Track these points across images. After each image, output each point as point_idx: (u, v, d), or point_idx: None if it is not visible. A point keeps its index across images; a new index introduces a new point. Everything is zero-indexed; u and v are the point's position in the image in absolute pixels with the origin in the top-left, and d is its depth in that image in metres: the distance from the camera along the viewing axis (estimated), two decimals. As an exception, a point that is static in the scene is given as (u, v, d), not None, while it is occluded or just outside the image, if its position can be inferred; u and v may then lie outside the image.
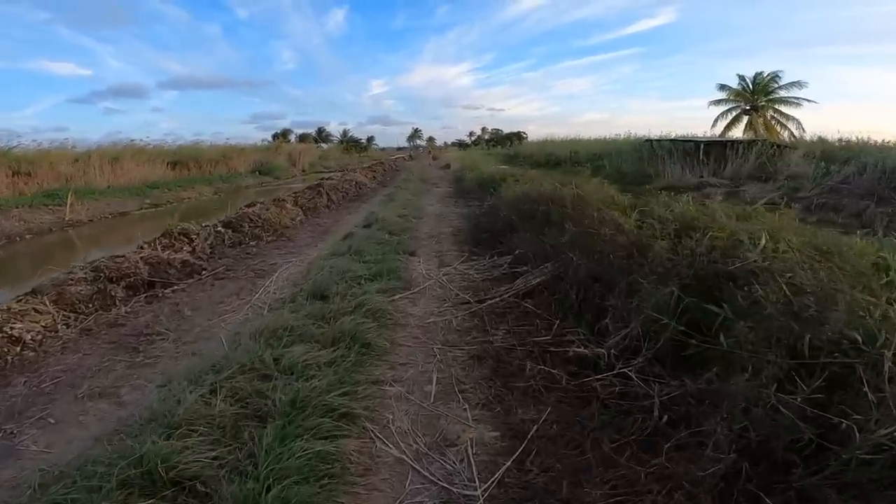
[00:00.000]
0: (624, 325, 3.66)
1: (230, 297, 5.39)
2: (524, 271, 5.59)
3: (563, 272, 4.85)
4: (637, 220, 3.98)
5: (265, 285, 5.61)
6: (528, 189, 7.05)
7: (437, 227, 8.31)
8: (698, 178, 21.55)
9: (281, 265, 6.39)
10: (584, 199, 5.15)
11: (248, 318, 4.68)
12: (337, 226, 8.91)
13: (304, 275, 5.69)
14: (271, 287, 5.52)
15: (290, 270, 6.12)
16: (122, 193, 21.14)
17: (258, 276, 6.01)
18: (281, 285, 5.57)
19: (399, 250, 6.39)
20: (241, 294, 5.44)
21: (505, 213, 6.99)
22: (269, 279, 5.82)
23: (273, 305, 4.88)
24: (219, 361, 3.49)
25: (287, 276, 5.90)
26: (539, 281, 5.06)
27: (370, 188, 15.82)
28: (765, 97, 26.06)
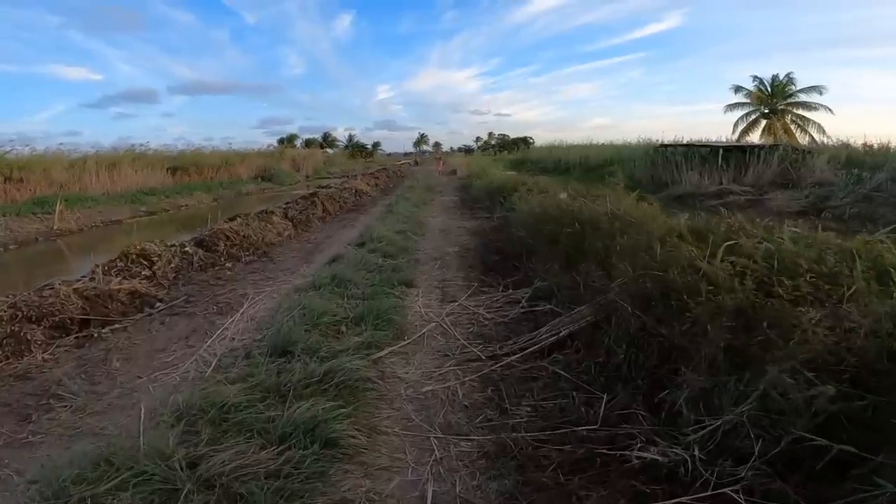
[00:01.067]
0: (710, 413, 2.45)
1: (178, 341, 4.23)
2: (547, 311, 4.38)
3: (605, 320, 3.63)
4: (723, 258, 2.75)
5: (224, 326, 4.43)
6: (548, 204, 5.83)
7: (442, 246, 7.11)
8: (717, 184, 20.23)
9: (252, 296, 5.21)
10: (634, 224, 3.92)
11: (187, 377, 3.53)
12: (328, 242, 7.74)
13: (274, 313, 4.51)
14: (230, 330, 4.34)
15: (259, 305, 4.94)
16: (117, 201, 20.20)
17: (220, 313, 4.84)
18: (242, 328, 4.38)
19: (394, 280, 5.18)
20: (193, 338, 4.27)
21: (521, 234, 5.77)
22: (231, 317, 4.64)
23: (223, 361, 3.69)
24: (117, 453, 2.34)
25: (254, 314, 4.71)
26: (570, 331, 3.83)
27: (371, 197, 14.64)
28: (783, 100, 24.67)
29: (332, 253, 6.80)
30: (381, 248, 6.23)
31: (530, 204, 7.06)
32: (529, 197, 9.46)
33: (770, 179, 19.94)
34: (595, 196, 7.05)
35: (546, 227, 5.18)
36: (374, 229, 7.48)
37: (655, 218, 3.87)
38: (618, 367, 3.27)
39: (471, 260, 6.26)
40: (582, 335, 3.74)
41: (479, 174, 18.14)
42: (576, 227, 4.69)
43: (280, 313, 4.30)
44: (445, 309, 4.61)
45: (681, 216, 3.99)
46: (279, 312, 4.36)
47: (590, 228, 4.64)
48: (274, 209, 8.99)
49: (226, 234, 6.84)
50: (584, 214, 4.89)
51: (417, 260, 6.21)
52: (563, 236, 4.77)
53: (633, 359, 3.19)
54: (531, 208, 6.45)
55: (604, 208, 4.80)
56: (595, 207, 4.86)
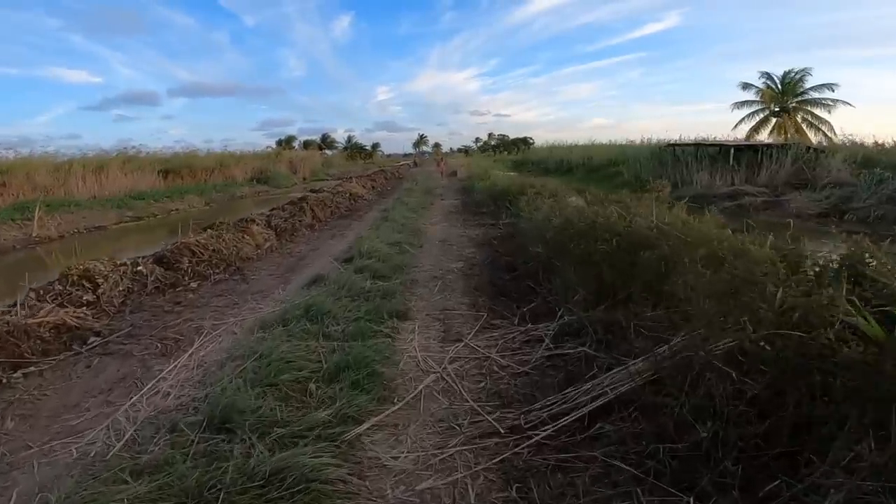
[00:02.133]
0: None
1: (98, 394, 3.23)
2: (580, 356, 3.33)
3: (672, 377, 2.59)
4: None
5: (162, 375, 3.39)
6: (571, 213, 4.77)
7: (442, 261, 6.05)
8: (729, 185, 19.20)
9: (207, 331, 4.17)
10: (694, 243, 2.88)
11: (89, 451, 2.53)
12: (313, 256, 6.69)
13: (226, 359, 3.47)
14: (167, 381, 3.30)
15: (214, 344, 3.89)
16: (104, 205, 19.14)
17: (164, 353, 3.79)
18: (184, 378, 3.34)
19: (384, 310, 4.13)
20: (117, 390, 3.27)
21: (538, 250, 4.71)
22: (175, 360, 3.60)
23: (141, 433, 2.67)
24: None
25: (204, 357, 3.66)
26: (619, 391, 2.79)
27: (367, 201, 13.56)
28: (794, 98, 23.58)
29: (314, 271, 5.74)
30: (371, 267, 5.17)
31: (544, 211, 6.02)
32: (539, 201, 8.43)
33: (784, 180, 18.94)
34: (615, 202, 6.03)
35: (570, 242, 4.13)
36: (365, 241, 6.42)
37: (727, 237, 2.82)
38: (696, 445, 2.26)
39: (477, 280, 5.20)
40: (636, 398, 2.71)
41: (481, 176, 17.10)
42: (613, 245, 3.65)
43: (232, 363, 3.25)
44: (448, 352, 3.55)
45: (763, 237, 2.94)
46: (231, 361, 3.31)
47: (628, 244, 3.60)
48: (255, 217, 7.94)
49: (191, 248, 5.79)
50: (619, 227, 3.85)
51: (414, 281, 5.15)
52: (596, 256, 3.71)
53: (721, 437, 2.19)
54: (547, 216, 5.40)
55: (643, 219, 3.75)
56: (636, 220, 3.81)
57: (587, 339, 3.51)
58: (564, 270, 4.13)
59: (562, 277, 4.15)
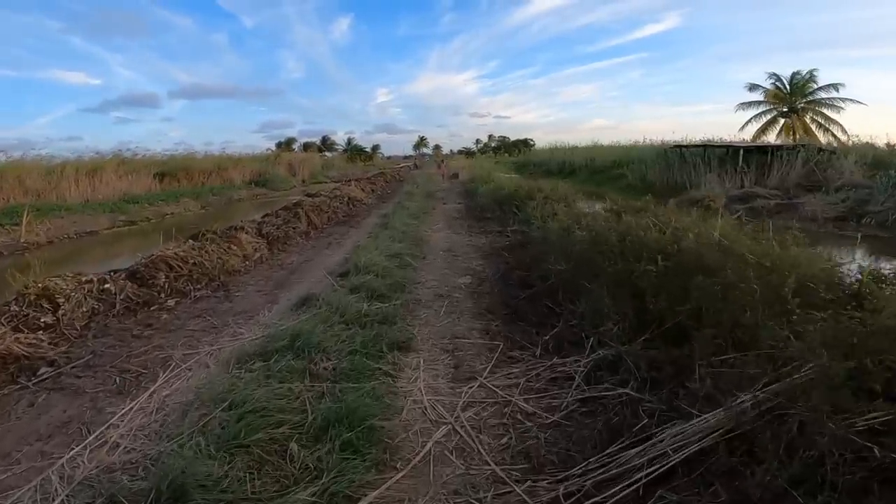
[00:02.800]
0: None
1: (35, 441, 2.67)
2: (622, 399, 2.73)
3: (753, 432, 2.00)
4: None
5: (113, 420, 2.79)
6: (600, 226, 4.16)
7: (448, 276, 5.44)
8: (739, 187, 18.61)
9: (176, 362, 3.56)
10: (778, 269, 2.27)
11: None
12: (305, 269, 6.07)
13: (194, 399, 2.86)
14: (121, 428, 2.69)
15: (181, 381, 3.27)
16: (96, 209, 18.54)
17: (120, 391, 3.19)
18: (139, 424, 2.73)
19: (383, 341, 3.52)
20: (58, 437, 2.69)
21: (561, 268, 4.08)
22: (133, 399, 3.00)
23: (74, 495, 2.08)
24: None
25: (167, 396, 3.06)
26: (689, 452, 2.19)
27: (366, 205, 12.93)
28: (803, 99, 22.96)
29: (306, 287, 5.14)
30: (368, 284, 4.56)
31: (561, 220, 5.42)
32: (549, 207, 7.84)
33: (795, 182, 18.35)
34: (637, 210, 5.43)
35: (603, 259, 3.52)
36: (363, 252, 5.81)
37: (823, 265, 2.21)
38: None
39: (488, 299, 4.59)
40: (707, 459, 2.12)
41: (484, 178, 16.50)
42: (660, 266, 3.04)
43: (196, 412, 2.65)
44: (461, 395, 2.95)
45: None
46: (196, 408, 2.71)
47: (680, 267, 3.00)
48: (245, 225, 7.33)
49: (168, 262, 5.19)
50: (663, 243, 3.24)
51: (417, 301, 4.53)
52: (640, 280, 3.10)
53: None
54: (566, 227, 4.80)
55: (694, 235, 3.14)
56: (684, 235, 3.20)
57: (627, 377, 2.91)
58: (594, 292, 3.52)
59: (590, 300, 3.54)
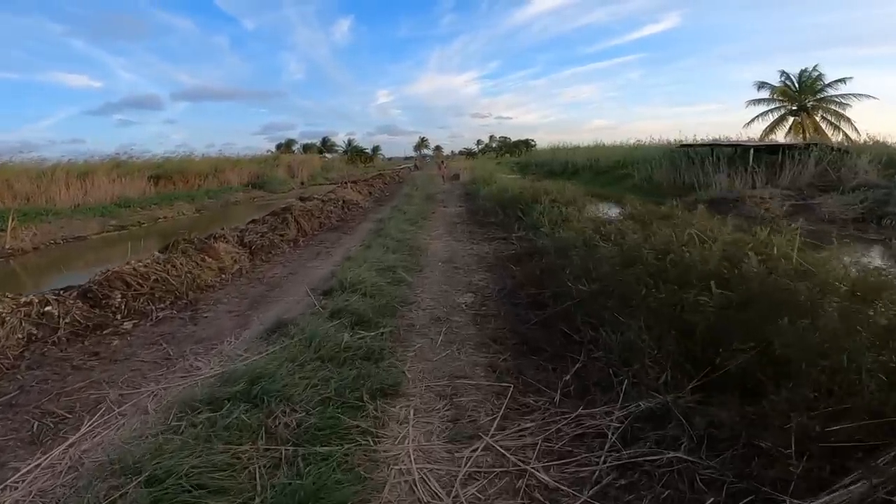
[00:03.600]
0: None
1: None
2: (670, 466, 2.02)
3: None
4: None
5: (9, 481, 2.09)
6: (631, 241, 3.43)
7: (447, 294, 4.71)
8: (750, 187, 17.85)
9: (107, 405, 2.86)
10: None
11: None
12: (287, 285, 5.35)
13: (108, 461, 2.17)
14: (13, 495, 2.00)
15: (108, 430, 2.58)
16: (87, 213, 17.91)
17: (33, 440, 2.51)
18: (39, 489, 2.04)
19: (365, 385, 2.81)
20: None
21: (583, 288, 3.36)
22: (45, 453, 2.31)
23: None
24: None
25: (88, 450, 2.36)
26: None
27: (361, 209, 12.19)
28: (813, 97, 22.16)
29: (283, 307, 4.44)
30: (353, 307, 3.84)
31: (576, 228, 4.70)
32: (556, 211, 7.13)
33: (808, 182, 17.59)
34: (662, 216, 4.72)
35: (637, 283, 2.80)
36: (351, 266, 5.10)
37: None
38: None
39: (494, 324, 3.87)
40: None
41: (486, 179, 15.77)
42: (715, 295, 2.32)
43: (105, 482, 1.94)
44: (461, 461, 2.23)
45: None
46: (105, 478, 2.00)
47: (744, 297, 2.28)
48: (226, 233, 6.63)
49: (126, 280, 4.48)
50: (716, 265, 2.52)
51: (410, 327, 3.81)
52: (689, 312, 2.38)
53: None
54: (586, 239, 4.08)
55: (765, 257, 2.42)
56: (747, 257, 2.47)
57: (678, 433, 2.19)
58: (626, 323, 2.80)
59: (623, 333, 2.82)
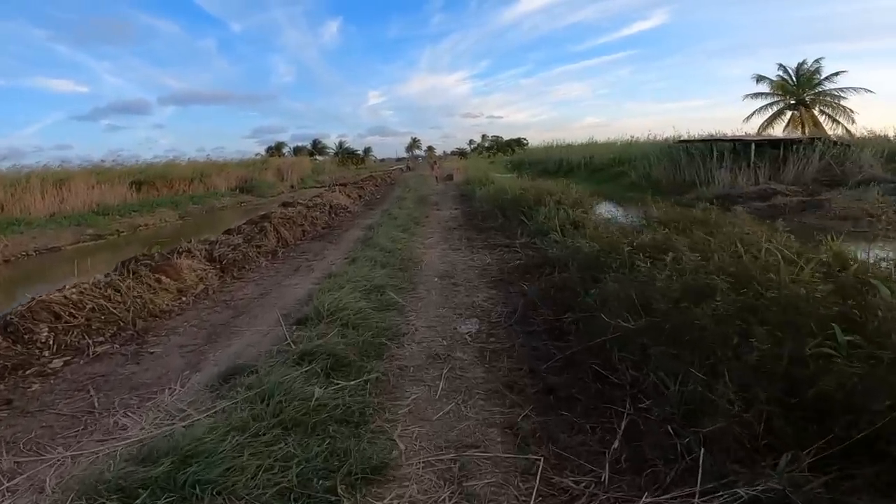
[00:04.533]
0: None
1: None
2: None
3: None
4: None
5: None
6: (691, 265, 2.64)
7: (446, 319, 3.84)
8: (754, 183, 17.20)
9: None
10: None
11: None
12: (256, 309, 4.48)
13: None
14: None
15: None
16: (64, 222, 16.95)
17: None
18: None
19: (338, 465, 2.02)
20: None
21: (631, 325, 2.57)
22: None
23: None
24: None
25: None
26: None
27: (350, 214, 11.32)
28: (811, 90, 21.62)
29: (246, 342, 3.61)
30: (329, 345, 3.01)
31: (598, 238, 3.92)
32: (561, 213, 6.38)
33: (812, 177, 16.99)
34: (697, 221, 3.98)
35: (714, 322, 2.02)
36: (332, 287, 4.27)
37: None
38: None
39: (507, 361, 3.06)
40: None
41: (481, 180, 15.00)
42: (841, 344, 1.57)
43: None
44: None
45: None
46: None
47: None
48: (193, 246, 5.79)
49: (54, 310, 3.64)
50: (830, 302, 1.75)
51: (401, 369, 2.98)
52: (801, 367, 1.60)
53: None
54: (628, 258, 3.29)
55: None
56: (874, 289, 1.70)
57: None
58: (676, 358, 2.02)
59: (682, 379, 2.04)
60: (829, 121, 21.55)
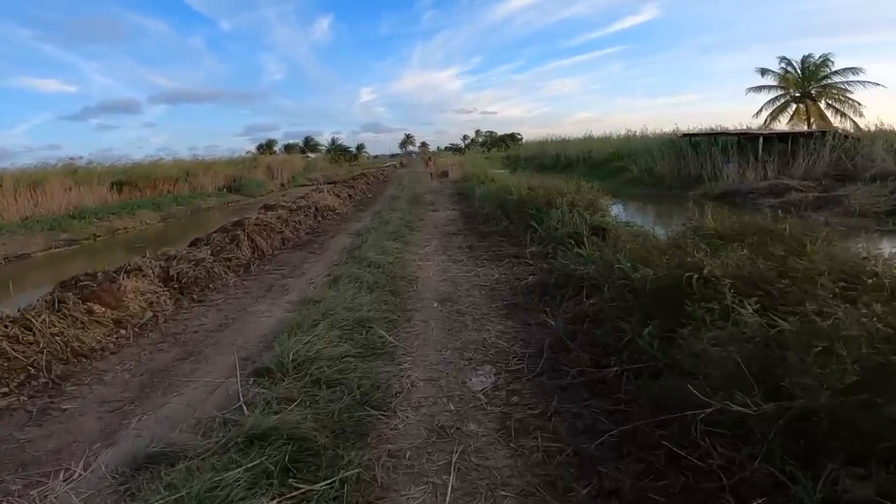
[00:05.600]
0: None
1: None
2: None
3: None
4: None
5: None
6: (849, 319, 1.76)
7: (452, 370, 2.85)
8: (762, 178, 16.40)
9: None
10: None
11: None
12: (213, 343, 3.56)
13: None
14: None
15: None
16: (36, 227, 15.83)
17: None
18: None
19: None
20: None
21: (758, 411, 1.69)
22: None
23: None
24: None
25: None
26: None
27: (338, 216, 10.33)
28: (817, 83, 20.85)
29: (185, 400, 2.72)
30: (288, 426, 2.12)
31: (652, 261, 3.06)
32: (574, 216, 5.52)
33: (823, 171, 16.23)
34: (763, 232, 3.14)
35: None
36: (305, 321, 3.36)
37: None
38: None
39: (541, 440, 2.14)
40: None
41: (479, 177, 14.07)
42: None
43: None
44: None
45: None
46: None
47: None
48: (144, 263, 4.86)
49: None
50: None
51: (393, 459, 2.01)
52: None
53: None
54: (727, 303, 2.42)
55: None
56: None
57: None
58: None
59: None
60: (835, 114, 20.81)
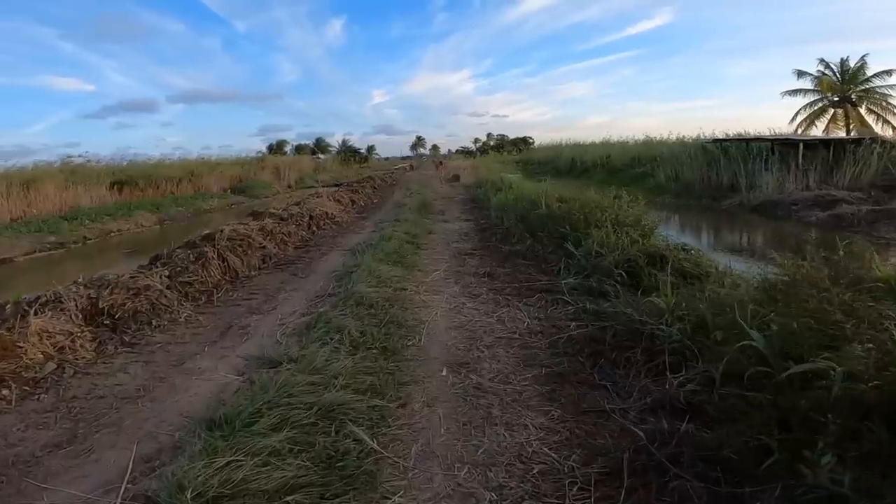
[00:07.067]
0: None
1: None
2: None
3: None
4: None
5: None
6: None
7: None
8: (803, 188, 14.88)
9: None
10: None
11: None
12: (103, 432, 2.37)
13: None
14: None
15: None
16: (23, 229, 14.85)
17: None
18: None
19: None
20: None
21: None
22: None
23: None
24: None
25: None
26: None
27: (336, 226, 9.08)
28: (858, 87, 19.29)
29: None
30: None
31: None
32: (621, 237, 4.27)
33: (870, 181, 14.70)
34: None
35: None
36: (243, 416, 2.16)
37: None
38: None
39: None
40: None
41: (495, 184, 12.80)
42: None
43: None
44: None
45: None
46: None
47: None
48: (66, 294, 3.69)
49: None
50: None
51: None
52: None
53: None
54: None
55: None
56: None
57: None
58: None
59: None
60: (877, 120, 19.21)
